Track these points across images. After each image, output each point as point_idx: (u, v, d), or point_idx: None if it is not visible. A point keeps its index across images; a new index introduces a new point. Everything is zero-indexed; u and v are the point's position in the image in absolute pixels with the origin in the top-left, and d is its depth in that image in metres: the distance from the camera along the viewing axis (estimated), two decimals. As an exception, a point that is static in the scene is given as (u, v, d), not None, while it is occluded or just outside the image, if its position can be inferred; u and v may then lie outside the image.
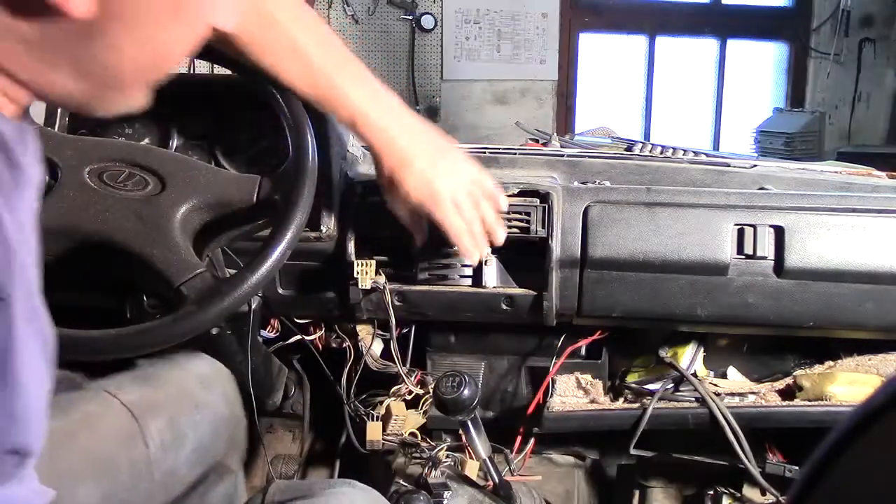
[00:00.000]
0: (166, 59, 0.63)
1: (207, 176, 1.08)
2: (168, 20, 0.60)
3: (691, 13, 5.14)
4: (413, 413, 1.39)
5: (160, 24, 0.59)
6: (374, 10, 4.50)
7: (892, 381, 0.39)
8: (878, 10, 5.01)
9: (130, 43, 0.59)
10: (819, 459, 0.41)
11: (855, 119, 5.07)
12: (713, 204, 1.26)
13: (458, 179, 1.14)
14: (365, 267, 1.28)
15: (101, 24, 0.56)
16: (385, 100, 1.13)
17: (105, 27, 0.56)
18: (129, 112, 0.66)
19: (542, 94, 4.82)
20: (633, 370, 1.43)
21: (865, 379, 1.28)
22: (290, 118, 1.08)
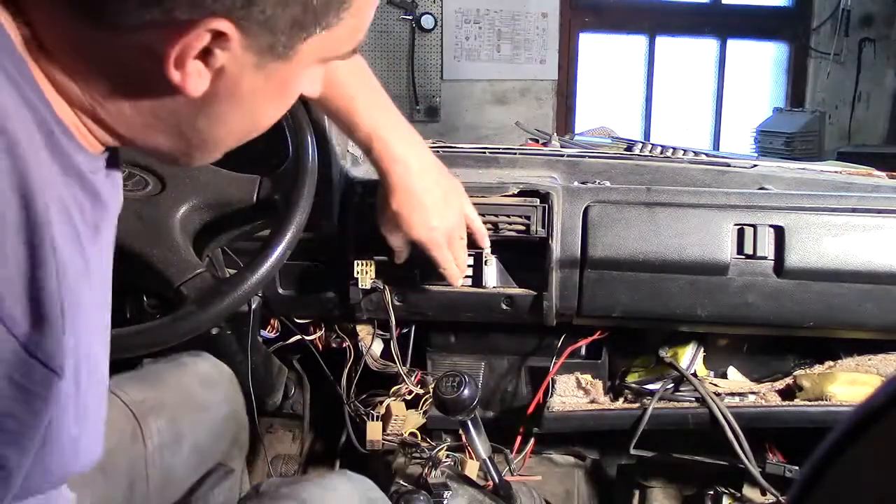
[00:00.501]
0: (259, 129, 0.70)
1: (207, 176, 1.08)
2: (268, 100, 0.66)
3: (691, 13, 5.14)
4: (413, 413, 1.39)
5: (263, 102, 0.65)
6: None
7: (892, 381, 0.39)
8: (878, 10, 5.01)
9: (233, 117, 0.65)
10: (819, 459, 0.41)
11: (855, 119, 5.07)
12: (713, 204, 1.26)
13: (454, 220, 1.19)
14: (365, 267, 1.28)
15: (210, 101, 0.62)
16: (405, 130, 1.14)
17: (213, 104, 0.62)
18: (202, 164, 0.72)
19: (542, 94, 4.82)
20: (633, 370, 1.43)
21: (865, 379, 1.28)
22: (290, 118, 1.08)
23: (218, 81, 0.60)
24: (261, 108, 0.66)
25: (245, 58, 0.59)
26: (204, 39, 0.56)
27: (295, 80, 0.66)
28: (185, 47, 0.56)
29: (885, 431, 0.38)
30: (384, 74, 4.62)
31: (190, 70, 0.58)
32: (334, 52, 0.67)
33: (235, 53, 0.58)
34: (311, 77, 0.69)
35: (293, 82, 0.66)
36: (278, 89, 0.65)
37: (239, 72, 0.60)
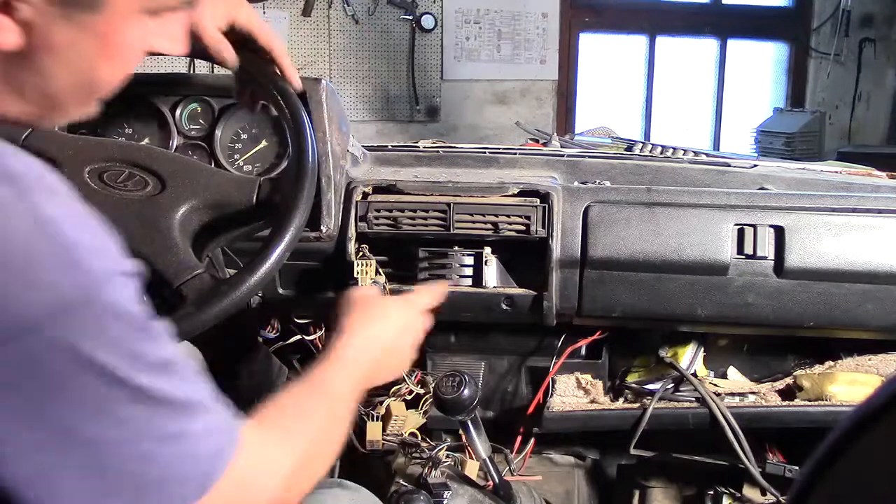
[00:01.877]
0: (101, 86, 0.70)
1: (207, 176, 1.08)
2: (95, 55, 0.67)
3: (691, 13, 5.14)
4: (413, 413, 1.38)
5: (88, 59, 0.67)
6: (374, 10, 4.49)
7: (892, 382, 0.39)
8: (878, 10, 5.01)
9: (60, 71, 0.66)
10: (819, 459, 0.41)
11: (855, 119, 5.06)
12: (713, 204, 1.26)
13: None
14: (365, 267, 1.28)
15: (30, 56, 0.64)
16: None
17: (36, 59, 0.64)
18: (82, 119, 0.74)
19: (542, 94, 4.81)
20: (633, 370, 1.43)
21: (865, 379, 1.28)
22: (290, 118, 1.08)
23: (30, 35, 0.62)
24: (89, 63, 0.67)
25: (48, 9, 0.62)
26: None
27: (117, 33, 0.67)
28: None
29: (885, 431, 0.39)
30: (384, 74, 4.61)
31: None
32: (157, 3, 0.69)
33: (36, 5, 0.61)
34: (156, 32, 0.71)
35: (115, 35, 0.67)
36: (101, 43, 0.66)
37: (46, 24, 0.63)
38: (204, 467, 0.63)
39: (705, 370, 1.40)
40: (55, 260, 0.56)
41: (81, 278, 0.57)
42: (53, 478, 0.57)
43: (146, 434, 0.60)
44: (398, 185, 1.31)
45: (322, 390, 0.85)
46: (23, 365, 0.55)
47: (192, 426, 0.63)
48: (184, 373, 0.64)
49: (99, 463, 0.58)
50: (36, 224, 0.56)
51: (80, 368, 0.57)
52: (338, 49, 4.54)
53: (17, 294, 0.54)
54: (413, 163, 1.45)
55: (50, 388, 0.56)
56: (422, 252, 1.31)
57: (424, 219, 1.28)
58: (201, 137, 1.34)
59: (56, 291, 0.55)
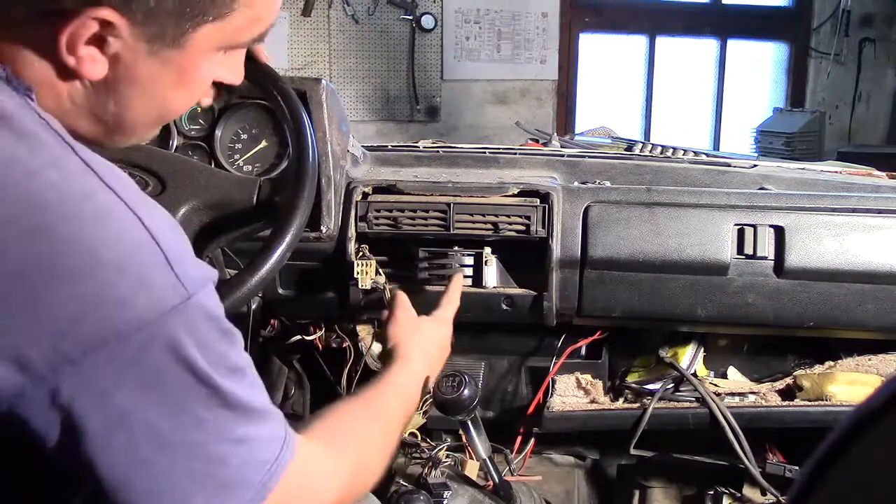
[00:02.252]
0: (170, 114, 0.76)
1: (207, 177, 1.08)
2: (171, 86, 0.71)
3: (691, 13, 5.13)
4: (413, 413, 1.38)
5: (164, 90, 0.71)
6: (374, 10, 4.49)
7: (892, 382, 0.39)
8: (878, 10, 5.00)
9: (138, 101, 0.71)
10: (819, 459, 0.41)
11: (855, 119, 5.06)
12: (713, 204, 1.26)
13: None
14: (365, 267, 1.28)
15: (114, 86, 0.68)
16: None
17: (118, 89, 0.69)
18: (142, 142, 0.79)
19: (542, 94, 4.81)
20: (633, 370, 1.43)
21: (865, 379, 1.28)
22: (290, 119, 1.08)
23: (116, 67, 0.67)
24: (164, 93, 0.72)
25: (137, 45, 0.66)
26: (91, 27, 0.63)
27: (195, 67, 0.72)
28: (73, 34, 0.63)
29: (885, 431, 0.39)
30: (384, 74, 4.61)
31: (83, 55, 0.64)
32: (233, 41, 0.73)
33: (126, 41, 0.65)
34: (225, 65, 0.76)
35: (193, 69, 0.72)
36: (178, 76, 0.71)
37: (133, 58, 0.67)
38: (265, 473, 0.65)
39: (705, 370, 1.40)
40: (161, 265, 0.60)
41: (182, 282, 0.61)
42: (141, 478, 0.60)
43: (221, 436, 0.63)
44: (398, 186, 1.31)
45: (376, 413, 0.90)
46: (122, 366, 0.58)
47: (258, 431, 0.66)
48: (252, 378, 0.68)
49: (181, 464, 0.61)
50: (145, 232, 0.60)
51: (173, 369, 0.60)
52: (338, 49, 4.54)
53: (127, 296, 0.58)
54: (413, 163, 1.45)
55: (145, 387, 0.59)
56: (422, 252, 1.31)
57: (424, 219, 1.28)
58: (201, 138, 1.34)
59: (160, 294, 0.59)
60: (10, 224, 0.56)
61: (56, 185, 0.58)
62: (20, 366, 0.56)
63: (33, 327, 0.56)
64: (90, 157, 0.63)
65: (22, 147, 0.59)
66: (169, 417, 0.60)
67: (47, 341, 0.56)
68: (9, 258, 0.56)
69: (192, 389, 0.61)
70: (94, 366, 0.57)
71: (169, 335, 0.59)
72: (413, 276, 1.32)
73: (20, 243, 0.56)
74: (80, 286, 0.57)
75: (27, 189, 0.57)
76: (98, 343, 0.57)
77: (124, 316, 0.57)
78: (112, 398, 0.58)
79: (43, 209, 0.57)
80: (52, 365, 0.56)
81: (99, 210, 0.59)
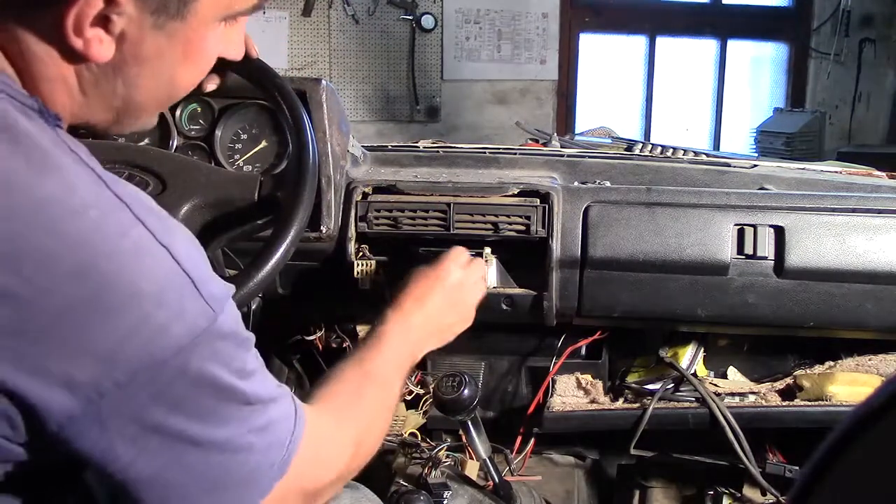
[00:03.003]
0: (178, 91, 0.77)
1: (208, 175, 1.08)
2: (178, 61, 0.72)
3: (691, 13, 5.14)
4: (413, 413, 1.39)
5: (171, 66, 0.72)
6: (374, 10, 4.49)
7: (892, 381, 0.39)
8: (878, 10, 5.01)
9: (147, 80, 0.71)
10: (819, 459, 0.41)
11: (855, 119, 5.06)
12: (713, 204, 1.26)
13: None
14: (365, 267, 1.28)
15: (121, 66, 0.69)
16: None
17: (125, 69, 0.69)
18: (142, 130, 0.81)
19: (542, 94, 4.81)
20: (633, 370, 1.43)
21: (865, 379, 1.28)
22: (290, 118, 1.08)
23: (123, 46, 0.67)
24: (172, 69, 0.73)
25: (142, 19, 0.66)
26: (96, 5, 0.63)
27: (200, 40, 0.72)
28: (79, 14, 0.63)
29: (885, 431, 0.39)
30: (384, 74, 4.62)
31: (90, 36, 0.65)
32: (233, 9, 0.74)
33: (131, 16, 0.66)
34: (226, 38, 0.77)
35: (199, 42, 0.73)
36: (185, 49, 0.72)
37: (139, 34, 0.67)
38: (285, 450, 0.72)
39: (705, 370, 1.40)
40: (191, 292, 0.64)
41: (209, 304, 0.65)
42: (171, 479, 0.65)
43: (246, 428, 0.68)
44: (398, 186, 1.31)
45: (373, 378, 0.93)
46: (159, 388, 0.62)
47: (274, 415, 0.72)
48: (264, 370, 0.73)
49: (213, 458, 0.67)
50: (174, 263, 0.64)
51: (203, 386, 0.65)
52: (338, 49, 4.54)
53: (165, 325, 0.62)
54: (413, 163, 1.45)
55: (178, 404, 0.64)
56: (422, 252, 1.31)
57: (424, 219, 1.28)
58: (201, 138, 1.34)
59: (193, 320, 0.63)
60: (59, 263, 0.59)
61: (97, 224, 0.61)
62: (70, 390, 0.59)
63: (82, 356, 0.59)
64: (120, 188, 0.65)
65: (63, 184, 0.62)
66: (199, 423, 0.65)
67: (94, 368, 0.60)
68: (58, 295, 0.59)
69: (220, 399, 0.67)
70: (136, 388, 0.61)
71: (199, 357, 0.64)
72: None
73: (68, 281, 0.59)
74: (123, 318, 0.60)
75: (72, 229, 0.60)
76: (140, 368, 0.61)
77: (163, 343, 0.62)
78: (149, 414, 0.63)
79: (87, 249, 0.60)
80: (98, 389, 0.60)
81: (135, 246, 0.63)
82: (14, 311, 0.58)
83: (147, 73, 0.71)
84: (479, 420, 1.23)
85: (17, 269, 0.58)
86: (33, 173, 0.61)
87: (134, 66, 0.70)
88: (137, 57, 0.69)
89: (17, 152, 0.61)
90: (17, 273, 0.58)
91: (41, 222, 0.59)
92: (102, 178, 0.65)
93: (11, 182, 0.60)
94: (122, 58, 0.68)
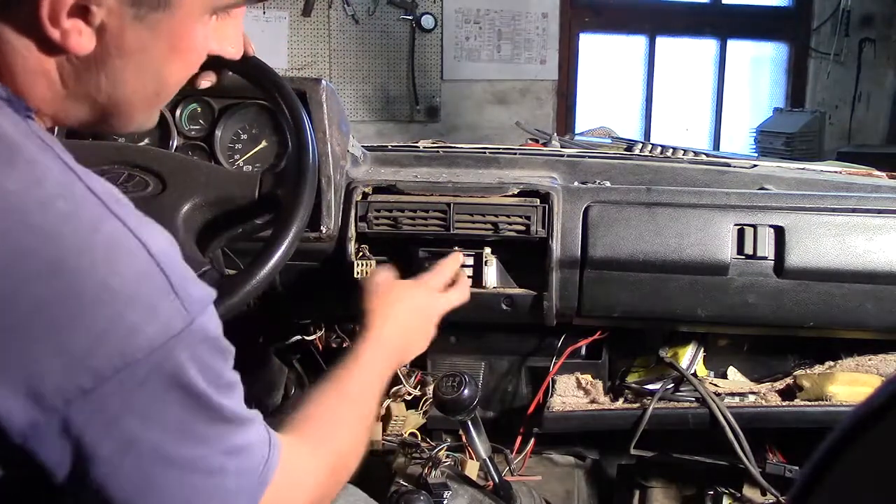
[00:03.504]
0: (167, 88, 0.73)
1: (208, 174, 1.08)
2: (165, 56, 0.69)
3: (691, 13, 5.13)
4: (413, 413, 1.39)
5: (157, 60, 0.69)
6: (374, 10, 4.49)
7: (892, 381, 0.39)
8: (878, 10, 5.01)
9: (131, 75, 0.68)
10: (819, 459, 0.41)
11: (855, 119, 5.06)
12: (713, 204, 1.26)
13: None
14: (365, 267, 1.28)
15: (103, 60, 0.66)
16: None
17: (107, 62, 0.66)
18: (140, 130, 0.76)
19: (542, 94, 4.81)
20: (633, 370, 1.43)
21: (865, 379, 1.28)
22: (289, 118, 1.08)
23: (103, 38, 0.64)
24: (158, 64, 0.69)
25: (122, 10, 0.63)
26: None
27: (188, 33, 0.69)
28: (54, 4, 0.61)
29: (885, 431, 0.39)
30: (384, 74, 4.61)
31: (68, 27, 0.62)
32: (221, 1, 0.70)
33: (111, 7, 0.63)
34: (220, 34, 0.73)
35: (186, 36, 0.69)
36: (170, 43, 0.68)
37: (120, 25, 0.64)
38: (259, 477, 0.68)
39: (705, 370, 1.40)
40: (166, 292, 0.60)
41: (185, 307, 0.61)
42: (150, 496, 0.61)
43: (219, 448, 0.64)
44: (398, 186, 1.31)
45: (351, 399, 0.90)
46: (129, 393, 0.59)
47: (248, 438, 0.68)
48: (240, 389, 0.69)
49: (186, 479, 0.63)
50: (150, 259, 0.60)
51: (176, 391, 0.61)
52: (338, 49, 4.54)
53: (137, 324, 0.58)
54: (413, 163, 1.45)
55: (150, 411, 0.60)
56: (422, 252, 1.31)
57: (424, 219, 1.28)
58: (201, 138, 1.34)
59: (167, 320, 0.60)
60: (29, 257, 0.56)
61: (67, 216, 0.58)
62: (34, 398, 0.56)
63: (47, 360, 0.56)
64: (93, 181, 0.62)
65: (30, 175, 0.59)
66: (173, 437, 0.62)
67: (61, 373, 0.56)
68: (29, 293, 0.56)
69: (194, 409, 0.63)
70: (104, 394, 0.58)
71: (173, 360, 0.60)
72: (413, 277, 1.31)
73: (39, 277, 0.56)
74: (94, 318, 0.57)
75: (42, 221, 0.57)
76: (110, 373, 0.57)
77: (135, 344, 0.58)
78: (120, 424, 0.59)
79: (58, 242, 0.57)
80: (64, 396, 0.56)
81: (108, 241, 0.59)
82: None
83: (131, 68, 0.68)
84: (479, 420, 1.23)
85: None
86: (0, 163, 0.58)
87: (117, 60, 0.66)
88: (120, 49, 0.66)
89: None
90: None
91: (5, 216, 0.56)
92: (74, 170, 0.62)
93: None
94: (104, 50, 0.65)
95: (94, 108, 0.70)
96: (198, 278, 0.65)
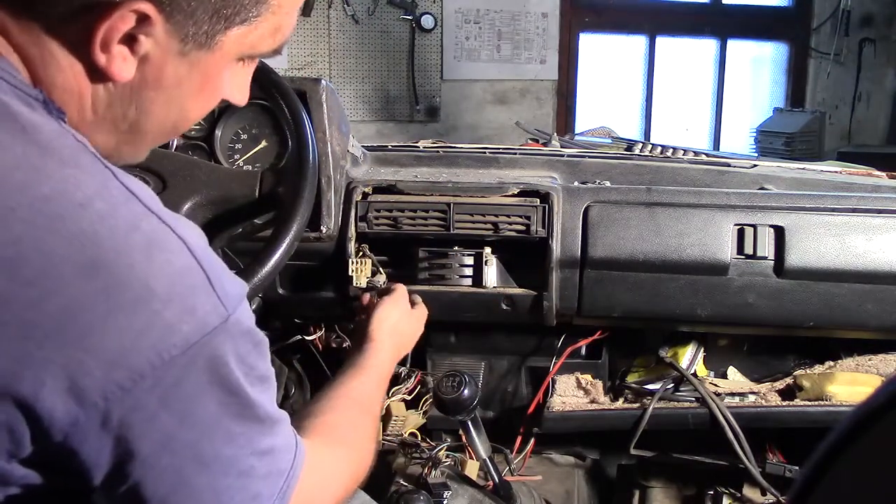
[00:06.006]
0: (185, 122, 0.75)
1: (208, 173, 1.08)
2: (193, 92, 0.70)
3: (691, 13, 5.14)
4: (413, 413, 1.38)
5: (188, 94, 0.70)
6: (374, 10, 4.49)
7: (892, 381, 0.39)
8: (878, 10, 5.01)
9: (160, 106, 0.69)
10: (819, 459, 0.41)
11: (855, 119, 5.06)
12: (713, 204, 1.26)
13: None
14: (360, 265, 1.28)
15: (138, 89, 0.67)
16: None
17: (142, 93, 0.67)
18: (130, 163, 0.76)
19: (542, 94, 4.81)
20: (633, 370, 1.43)
21: (865, 379, 1.28)
22: (290, 118, 1.08)
23: (144, 67, 0.65)
24: (186, 99, 0.71)
25: (169, 44, 0.64)
26: (129, 22, 0.61)
27: (217, 74, 0.71)
28: (110, 29, 0.61)
29: (885, 431, 0.39)
30: (384, 74, 4.61)
31: (115, 53, 0.63)
32: (254, 49, 0.72)
33: (159, 39, 0.64)
34: (236, 80, 0.75)
35: (216, 76, 0.71)
36: (202, 81, 0.70)
37: (163, 58, 0.65)
38: (284, 482, 0.68)
39: (705, 370, 1.40)
40: (204, 288, 0.61)
41: (222, 302, 0.62)
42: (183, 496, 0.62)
43: (250, 449, 0.65)
44: (398, 186, 1.31)
45: (361, 402, 0.94)
46: (169, 387, 0.60)
47: (276, 441, 0.69)
48: (274, 386, 0.70)
49: (218, 481, 0.64)
50: (190, 256, 0.61)
51: (213, 387, 0.62)
52: (338, 49, 4.54)
53: (174, 322, 0.59)
54: (413, 163, 1.45)
55: (187, 407, 0.61)
56: (422, 252, 1.31)
57: (424, 219, 1.28)
58: (201, 137, 1.34)
59: (204, 317, 0.61)
60: (67, 259, 0.57)
61: (105, 217, 0.59)
62: (75, 396, 0.57)
63: (88, 359, 0.57)
64: (127, 179, 0.63)
65: (68, 176, 0.59)
66: (208, 435, 0.63)
67: (101, 371, 0.57)
68: (66, 293, 0.56)
69: (229, 404, 0.63)
70: (143, 391, 0.58)
71: (209, 355, 0.61)
72: (413, 276, 1.31)
73: (77, 278, 0.57)
74: (133, 317, 0.58)
75: (80, 222, 0.58)
76: (147, 370, 0.58)
77: (172, 341, 0.59)
78: (158, 421, 0.60)
79: (96, 243, 0.58)
80: (104, 393, 0.57)
81: (146, 240, 0.60)
82: (16, 316, 0.55)
83: (161, 100, 0.69)
84: (479, 420, 1.23)
85: (20, 273, 0.55)
86: (34, 167, 0.58)
87: (151, 91, 0.67)
88: (158, 81, 0.67)
89: (18, 144, 0.59)
90: (19, 277, 0.55)
91: (43, 222, 0.57)
92: (110, 169, 0.62)
93: (12, 179, 0.57)
94: (141, 80, 0.66)
95: (112, 136, 0.70)
96: (231, 272, 0.66)
